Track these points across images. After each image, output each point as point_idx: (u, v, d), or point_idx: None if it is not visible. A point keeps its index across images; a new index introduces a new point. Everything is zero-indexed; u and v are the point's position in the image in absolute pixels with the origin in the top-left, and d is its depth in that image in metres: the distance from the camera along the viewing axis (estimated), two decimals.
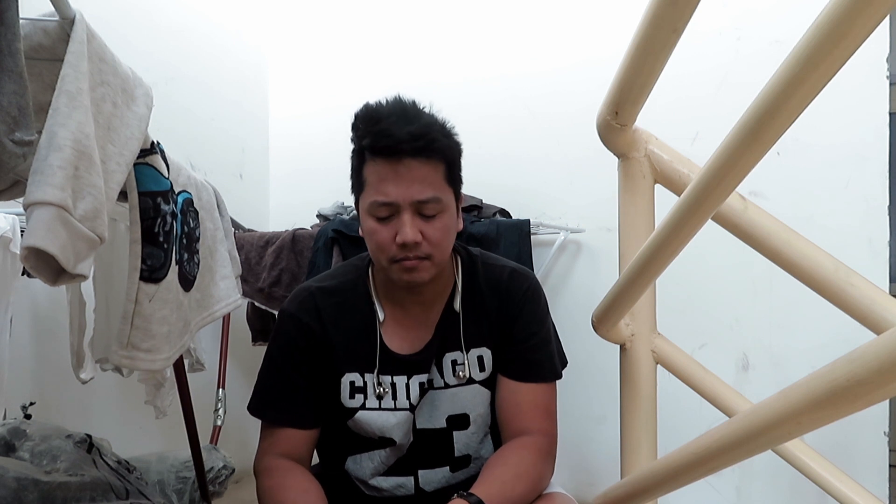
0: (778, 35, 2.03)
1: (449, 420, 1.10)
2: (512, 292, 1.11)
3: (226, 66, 2.61)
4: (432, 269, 1.01)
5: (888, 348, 0.40)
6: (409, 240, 0.96)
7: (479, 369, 1.10)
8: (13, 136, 0.72)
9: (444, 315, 1.10)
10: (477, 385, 1.10)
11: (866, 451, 1.94)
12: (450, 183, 1.01)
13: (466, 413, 1.10)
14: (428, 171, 0.96)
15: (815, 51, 0.46)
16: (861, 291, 0.84)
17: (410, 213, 0.97)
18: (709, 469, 0.69)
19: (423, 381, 1.08)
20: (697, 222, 0.71)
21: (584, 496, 2.24)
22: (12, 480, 1.13)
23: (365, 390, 1.08)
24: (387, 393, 1.07)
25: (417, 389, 1.08)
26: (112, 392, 1.97)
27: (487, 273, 1.12)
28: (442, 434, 1.10)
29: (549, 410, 1.10)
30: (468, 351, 1.09)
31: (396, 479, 1.11)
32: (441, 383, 1.09)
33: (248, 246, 2.21)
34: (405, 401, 1.08)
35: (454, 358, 1.09)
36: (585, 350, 1.22)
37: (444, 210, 0.99)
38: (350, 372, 1.08)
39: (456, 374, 1.09)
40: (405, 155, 0.95)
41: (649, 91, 0.89)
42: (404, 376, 1.08)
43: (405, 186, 0.96)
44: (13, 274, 1.38)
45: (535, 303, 1.12)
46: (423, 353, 1.08)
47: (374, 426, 1.08)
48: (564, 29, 2.41)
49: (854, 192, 1.98)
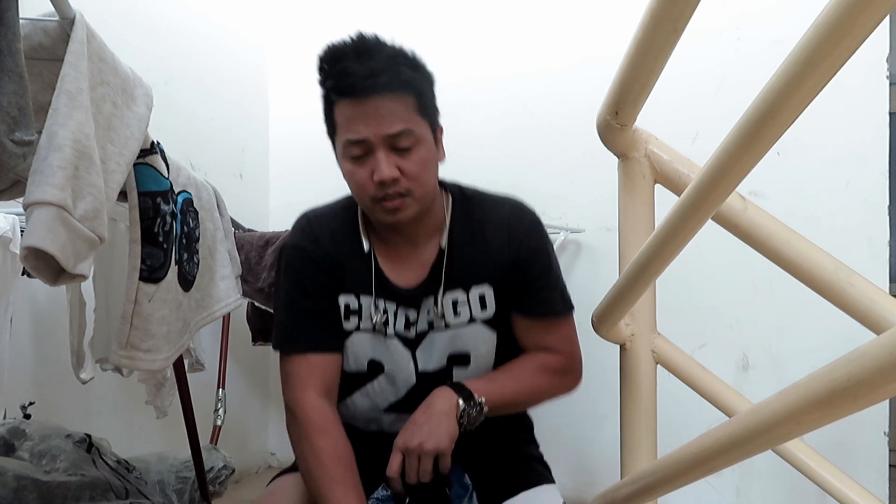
0: (778, 35, 2.03)
1: (450, 358, 1.09)
2: (515, 227, 1.08)
3: (226, 65, 2.61)
4: (415, 205, 1.00)
5: (888, 348, 0.40)
6: (385, 177, 0.94)
7: (481, 308, 1.08)
8: (13, 136, 0.72)
9: (439, 254, 1.07)
10: (479, 324, 1.08)
11: (866, 451, 1.94)
12: (422, 114, 0.98)
13: (468, 352, 1.09)
14: (396, 105, 0.95)
15: (815, 51, 0.46)
16: (861, 291, 0.84)
17: (384, 149, 0.95)
18: (709, 469, 0.69)
19: (414, 316, 1.07)
20: (697, 222, 0.71)
21: (584, 496, 2.24)
22: (12, 480, 1.13)
23: (360, 313, 1.08)
24: (382, 318, 1.07)
25: (404, 321, 1.08)
26: (112, 392, 1.97)
27: (486, 209, 1.10)
28: (444, 373, 1.09)
29: (568, 339, 1.12)
30: (469, 289, 1.07)
31: (398, 416, 1.10)
32: (441, 324, 1.07)
33: (248, 246, 2.21)
34: (399, 329, 1.08)
35: (455, 297, 1.07)
36: (585, 350, 1.22)
37: (419, 142, 0.97)
38: (345, 294, 1.08)
39: (457, 313, 1.07)
40: (370, 92, 0.93)
41: (649, 91, 0.89)
42: (395, 304, 1.07)
43: (375, 123, 0.94)
44: (13, 274, 1.38)
45: (540, 237, 1.10)
46: (417, 290, 1.07)
47: (367, 348, 1.08)
48: (564, 29, 2.41)
49: (854, 192, 1.98)
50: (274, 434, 2.79)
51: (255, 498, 2.33)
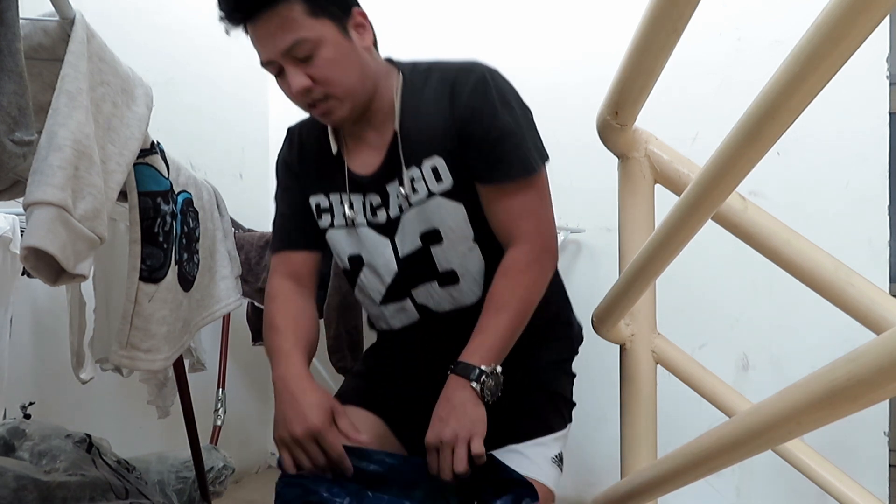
0: (778, 35, 2.03)
1: (422, 237, 1.08)
2: (458, 90, 1.03)
3: (226, 65, 2.61)
4: (343, 104, 1.01)
5: (888, 348, 0.40)
6: (294, 91, 0.98)
7: (437, 180, 1.05)
8: (13, 136, 0.72)
9: (393, 136, 1.07)
10: (438, 197, 1.05)
11: (866, 451, 1.94)
12: (315, 15, 0.96)
13: (436, 227, 1.07)
14: (281, 18, 0.95)
15: (815, 51, 0.46)
16: (861, 291, 0.84)
17: (289, 63, 0.97)
18: (709, 469, 0.69)
19: (377, 201, 1.10)
20: (697, 222, 0.71)
21: (584, 496, 2.24)
22: (12, 480, 1.13)
23: (331, 210, 1.13)
24: (350, 211, 1.11)
25: (370, 207, 1.10)
26: (112, 392, 1.96)
27: (433, 79, 1.06)
28: (421, 253, 1.09)
29: (529, 210, 1.04)
30: (421, 164, 1.05)
31: (394, 305, 1.13)
32: (406, 204, 1.07)
33: (248, 246, 2.20)
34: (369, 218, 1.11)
35: (412, 175, 1.06)
36: (585, 350, 1.22)
37: (319, 45, 0.97)
38: (314, 195, 1.14)
39: (415, 190, 1.06)
40: (253, 12, 0.96)
41: (649, 91, 0.89)
42: (360, 195, 1.11)
43: (269, 42, 0.97)
44: (13, 274, 1.38)
45: (485, 93, 1.02)
46: (376, 174, 1.09)
47: (344, 244, 1.13)
48: (563, 29, 2.41)
49: (854, 192, 1.98)
50: None
51: (253, 499, 2.33)
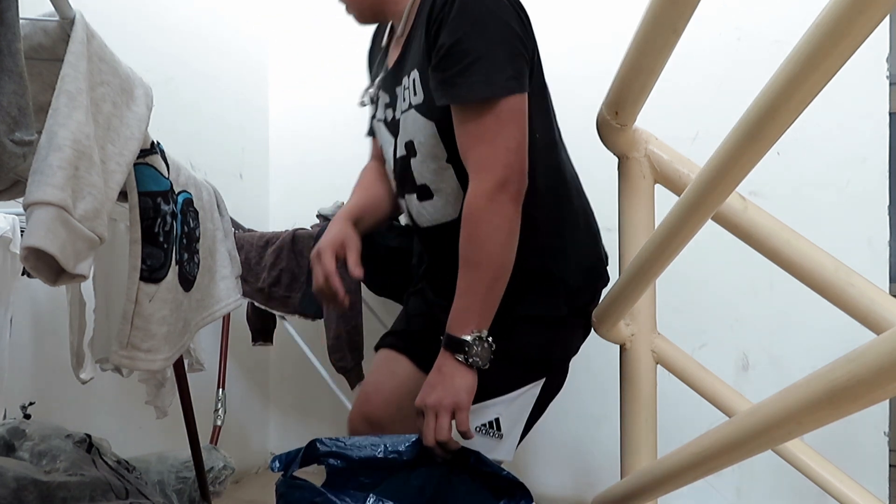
0: (778, 35, 2.03)
1: (406, 146, 1.12)
2: (438, 3, 0.99)
3: (226, 66, 2.61)
4: (352, 6, 1.16)
5: (888, 348, 0.40)
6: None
7: (414, 93, 1.06)
8: (13, 136, 0.72)
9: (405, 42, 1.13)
10: (413, 110, 1.07)
11: (866, 451, 1.94)
12: None
13: (412, 139, 1.10)
14: None
15: (815, 51, 0.46)
16: (861, 291, 0.84)
17: None
18: (709, 469, 0.69)
19: (386, 99, 1.18)
20: (697, 222, 0.71)
21: (584, 496, 2.24)
22: (12, 480, 1.13)
23: (376, 101, 1.23)
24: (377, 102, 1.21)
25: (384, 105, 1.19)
26: (112, 392, 1.96)
27: None
28: (403, 159, 1.14)
29: (482, 137, 0.98)
30: (410, 75, 1.07)
31: (403, 202, 1.22)
32: (401, 111, 1.12)
33: (248, 246, 2.21)
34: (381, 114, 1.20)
35: (405, 84, 1.10)
36: (585, 350, 1.22)
37: None
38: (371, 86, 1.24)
39: (404, 99, 1.11)
40: None
41: (649, 91, 0.89)
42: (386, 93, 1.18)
43: None
44: (13, 274, 1.38)
45: (457, 11, 0.97)
46: (389, 75, 1.17)
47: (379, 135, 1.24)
48: (563, 29, 2.41)
49: (854, 192, 1.98)
50: (274, 434, 2.79)
51: (253, 499, 2.33)
